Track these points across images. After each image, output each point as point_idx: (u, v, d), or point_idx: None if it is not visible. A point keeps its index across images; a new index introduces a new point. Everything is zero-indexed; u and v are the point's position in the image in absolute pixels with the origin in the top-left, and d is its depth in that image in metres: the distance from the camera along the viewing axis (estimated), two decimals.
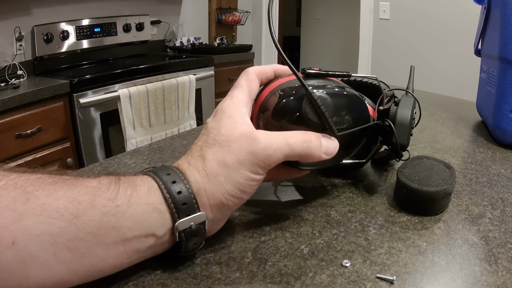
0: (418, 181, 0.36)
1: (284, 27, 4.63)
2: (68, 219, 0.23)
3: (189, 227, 0.27)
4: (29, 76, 1.76)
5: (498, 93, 0.56)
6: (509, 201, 0.39)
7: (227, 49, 2.48)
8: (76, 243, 0.24)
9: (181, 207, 0.27)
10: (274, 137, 0.30)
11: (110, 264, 0.26)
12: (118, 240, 0.25)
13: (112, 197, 0.25)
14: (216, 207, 0.29)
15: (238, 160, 0.29)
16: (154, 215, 0.27)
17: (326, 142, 0.32)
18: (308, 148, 0.31)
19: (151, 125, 1.77)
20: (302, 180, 0.44)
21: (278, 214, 0.37)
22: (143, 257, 0.28)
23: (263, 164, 0.29)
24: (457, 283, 0.27)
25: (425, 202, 0.36)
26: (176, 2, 2.61)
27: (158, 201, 0.27)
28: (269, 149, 0.29)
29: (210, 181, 0.28)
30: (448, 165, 0.39)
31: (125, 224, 0.25)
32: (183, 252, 0.29)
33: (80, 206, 0.24)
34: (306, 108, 0.32)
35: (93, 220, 0.24)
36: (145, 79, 1.78)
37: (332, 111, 0.33)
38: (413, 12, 2.53)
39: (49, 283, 0.24)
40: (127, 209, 0.26)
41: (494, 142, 0.58)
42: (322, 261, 0.30)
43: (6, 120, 1.35)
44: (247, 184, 0.29)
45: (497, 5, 0.57)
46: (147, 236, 0.27)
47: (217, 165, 0.29)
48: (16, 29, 1.77)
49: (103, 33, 2.09)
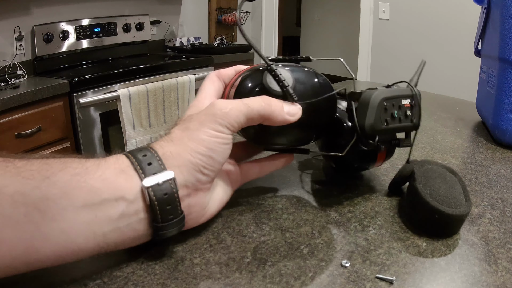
0: (446, 202, 0.32)
1: (284, 27, 4.63)
2: (39, 179, 0.24)
3: (156, 184, 0.27)
4: (29, 76, 1.76)
5: (498, 93, 0.56)
6: (508, 202, 0.39)
7: (227, 49, 2.48)
8: (46, 203, 0.24)
9: (147, 167, 0.28)
10: (233, 101, 0.32)
11: (81, 233, 0.25)
12: (87, 203, 0.25)
13: (82, 162, 0.27)
14: (185, 167, 0.29)
15: (198, 122, 0.30)
16: (122, 176, 0.27)
17: (288, 105, 0.33)
18: (268, 106, 0.32)
19: (151, 125, 1.77)
20: (302, 180, 0.44)
21: (277, 214, 0.37)
22: (120, 234, 0.27)
23: (222, 121, 0.30)
24: (457, 283, 0.27)
25: (456, 225, 0.33)
26: (176, 2, 2.61)
27: (125, 165, 0.28)
28: (225, 108, 0.31)
29: (175, 144, 0.30)
30: (452, 170, 0.37)
31: (94, 185, 0.26)
32: (162, 223, 0.28)
33: (52, 169, 0.25)
34: (267, 78, 0.34)
35: (62, 180, 0.25)
36: (145, 79, 1.78)
37: (292, 84, 0.34)
38: (413, 12, 2.53)
39: (20, 248, 0.23)
40: (96, 171, 0.26)
41: (494, 142, 0.58)
42: (322, 261, 0.30)
43: (6, 120, 1.35)
44: (211, 141, 0.30)
45: (497, 5, 0.57)
46: (117, 200, 0.26)
47: (180, 131, 0.31)
48: (16, 29, 1.77)
49: (103, 33, 2.10)
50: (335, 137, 0.40)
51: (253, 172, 0.38)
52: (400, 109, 0.35)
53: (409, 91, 0.36)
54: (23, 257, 0.24)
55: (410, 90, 0.36)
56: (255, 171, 0.38)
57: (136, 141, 1.71)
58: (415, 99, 0.36)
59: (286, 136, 0.36)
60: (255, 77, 0.36)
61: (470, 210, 0.33)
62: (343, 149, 0.37)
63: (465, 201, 0.33)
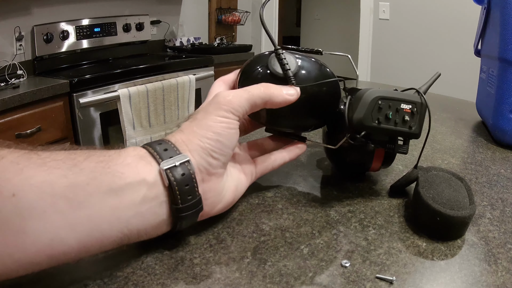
0: (448, 205, 0.32)
1: (284, 27, 4.63)
2: (66, 167, 0.25)
3: (173, 165, 0.29)
4: (29, 76, 1.76)
5: (498, 93, 0.56)
6: (508, 202, 0.39)
7: (227, 49, 2.48)
8: (73, 190, 0.25)
9: (163, 152, 0.30)
10: (235, 90, 0.34)
11: (106, 220, 0.26)
12: (112, 188, 0.26)
13: (104, 151, 0.28)
14: (196, 151, 0.31)
15: (204, 112, 0.33)
16: (142, 162, 0.29)
17: (286, 88, 0.35)
18: (267, 89, 0.34)
19: (151, 125, 1.77)
20: (302, 180, 0.44)
21: (277, 214, 0.37)
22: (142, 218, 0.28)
23: (226, 107, 0.32)
24: (457, 283, 0.27)
25: (459, 227, 0.32)
26: (176, 2, 2.61)
27: (143, 152, 0.30)
28: (228, 96, 0.33)
29: (184, 133, 0.32)
30: (459, 176, 0.37)
31: (118, 170, 0.27)
32: (181, 204, 0.29)
33: (77, 159, 0.26)
34: (272, 60, 0.36)
35: (88, 167, 0.26)
36: (145, 79, 1.78)
37: (295, 69, 0.36)
38: (413, 12, 2.53)
39: (45, 240, 0.24)
40: (118, 158, 0.28)
41: (494, 142, 0.58)
42: (322, 261, 0.30)
43: (6, 120, 1.35)
44: (218, 126, 0.32)
45: (497, 5, 0.57)
46: (139, 183, 0.28)
47: (189, 122, 0.33)
48: (16, 29, 1.77)
49: (103, 33, 2.09)
50: (334, 130, 0.41)
51: (268, 164, 0.40)
52: (398, 112, 0.34)
53: (412, 97, 0.35)
54: (48, 249, 0.24)
55: (414, 97, 0.35)
56: (269, 162, 0.40)
57: (136, 141, 1.71)
58: (418, 107, 0.35)
59: (286, 118, 0.38)
60: (261, 60, 0.37)
61: (473, 213, 0.32)
62: (337, 143, 0.37)
63: (469, 205, 0.33)
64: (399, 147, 0.37)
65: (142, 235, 0.29)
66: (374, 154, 0.39)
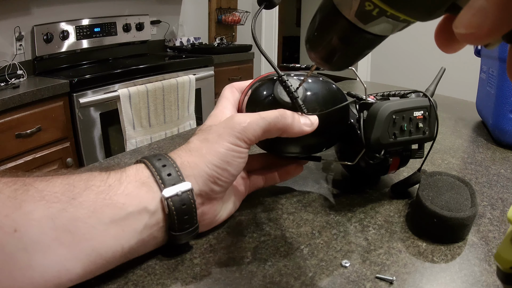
0: (447, 207, 0.32)
1: (284, 27, 4.63)
2: (65, 201, 0.25)
3: (175, 194, 0.28)
4: (29, 76, 1.76)
5: (498, 93, 0.56)
6: (508, 201, 0.39)
7: (227, 49, 2.47)
8: (75, 223, 0.25)
9: (167, 177, 0.29)
10: (250, 114, 0.32)
11: (110, 248, 0.26)
12: (114, 219, 0.26)
13: (104, 179, 0.28)
14: (201, 177, 0.30)
15: (217, 134, 0.31)
16: (144, 189, 0.28)
17: (303, 118, 0.34)
18: (284, 119, 0.32)
19: (151, 125, 1.77)
20: (302, 180, 0.44)
21: (277, 214, 0.37)
22: (143, 243, 0.28)
23: (240, 135, 0.31)
24: (457, 283, 0.27)
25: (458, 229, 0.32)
26: (176, 2, 2.61)
27: (146, 176, 0.29)
28: (244, 123, 0.31)
29: (192, 154, 0.31)
30: (464, 180, 0.36)
31: (119, 201, 0.27)
32: (178, 231, 0.29)
33: (76, 190, 0.26)
34: (278, 89, 0.34)
35: (88, 200, 0.26)
36: (145, 79, 1.78)
37: (303, 95, 0.34)
38: None
39: (52, 272, 0.24)
40: (119, 187, 0.27)
41: (494, 142, 0.58)
42: (322, 261, 0.30)
43: (6, 120, 1.35)
44: (228, 154, 0.30)
45: None
46: (141, 212, 0.27)
47: (199, 142, 0.31)
48: (16, 29, 1.77)
49: (103, 33, 2.09)
50: (348, 145, 0.40)
51: (259, 183, 0.40)
52: (411, 121, 0.34)
53: (422, 102, 0.35)
54: (56, 280, 0.24)
55: (423, 101, 0.35)
56: (261, 182, 0.40)
57: (136, 141, 1.71)
58: (430, 110, 0.35)
59: (298, 145, 0.37)
60: (266, 87, 0.36)
61: (474, 215, 0.32)
62: (354, 158, 0.37)
63: (471, 207, 0.32)
64: (415, 153, 0.37)
65: (140, 254, 0.29)
66: (391, 163, 0.39)
